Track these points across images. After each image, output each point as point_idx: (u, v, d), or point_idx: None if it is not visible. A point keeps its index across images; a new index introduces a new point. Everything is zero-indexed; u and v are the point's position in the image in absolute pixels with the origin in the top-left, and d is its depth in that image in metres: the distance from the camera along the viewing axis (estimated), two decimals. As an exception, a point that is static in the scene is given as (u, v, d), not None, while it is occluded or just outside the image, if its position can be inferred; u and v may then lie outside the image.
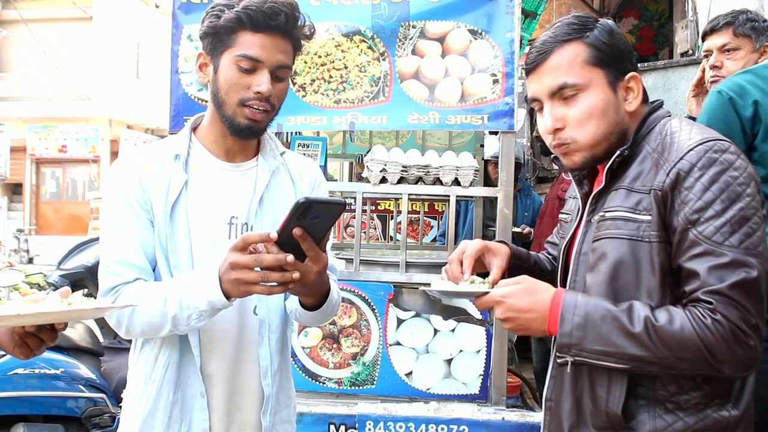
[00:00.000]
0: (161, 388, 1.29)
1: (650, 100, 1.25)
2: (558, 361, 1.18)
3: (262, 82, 1.26)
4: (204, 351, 1.31)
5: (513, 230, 2.69)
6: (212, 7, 1.29)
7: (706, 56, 2.22)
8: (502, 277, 1.36)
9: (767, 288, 1.06)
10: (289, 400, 1.45)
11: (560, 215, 1.43)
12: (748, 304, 1.02)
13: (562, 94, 1.17)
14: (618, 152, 1.17)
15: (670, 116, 1.21)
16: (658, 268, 1.10)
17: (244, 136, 1.32)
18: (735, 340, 1.02)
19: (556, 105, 1.18)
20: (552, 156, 1.36)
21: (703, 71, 2.22)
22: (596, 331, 1.08)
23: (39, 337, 1.06)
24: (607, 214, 1.17)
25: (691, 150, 1.09)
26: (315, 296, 1.28)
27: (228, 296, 1.16)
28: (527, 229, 3.53)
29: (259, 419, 1.36)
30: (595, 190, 1.23)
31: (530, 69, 1.21)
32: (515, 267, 1.39)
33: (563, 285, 1.28)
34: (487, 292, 1.18)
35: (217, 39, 1.29)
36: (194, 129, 1.39)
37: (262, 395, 1.36)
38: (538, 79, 1.20)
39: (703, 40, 2.25)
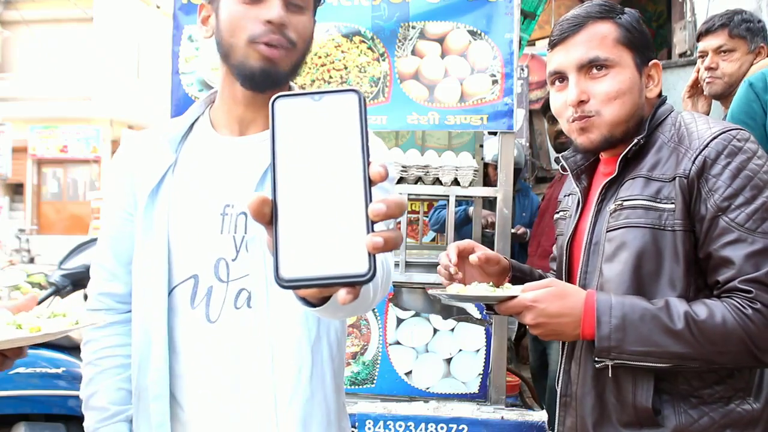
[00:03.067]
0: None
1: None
2: (597, 366, 1.14)
3: (271, 6, 1.01)
4: (185, 385, 1.12)
5: (511, 230, 2.69)
6: None
7: (701, 57, 2.22)
8: (503, 275, 1.34)
9: None
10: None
11: (555, 216, 1.43)
12: None
13: (591, 68, 1.16)
14: (635, 140, 1.16)
15: (676, 111, 1.22)
16: (683, 257, 1.09)
17: (260, 83, 1.04)
18: None
19: (583, 78, 1.17)
20: (555, 157, 1.37)
21: (699, 72, 2.23)
22: (636, 331, 1.06)
23: (3, 353, 0.93)
24: (626, 203, 1.15)
25: (715, 138, 1.08)
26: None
27: None
28: (522, 230, 3.51)
29: None
30: (605, 180, 1.22)
31: (558, 41, 1.19)
32: (516, 279, 1.35)
33: (568, 280, 1.27)
34: (514, 297, 1.10)
35: None
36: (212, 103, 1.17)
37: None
38: (566, 51, 1.18)
39: (697, 42, 2.25)
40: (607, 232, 1.17)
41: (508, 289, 1.15)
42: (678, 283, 1.09)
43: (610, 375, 1.13)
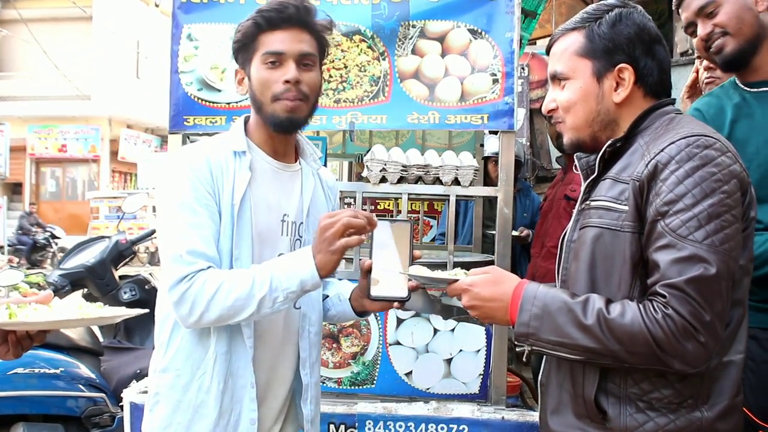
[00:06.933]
0: (213, 379, 1.32)
1: (667, 93, 1.25)
2: (516, 349, 1.21)
3: (288, 71, 1.33)
4: (254, 342, 1.36)
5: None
6: (237, 26, 1.39)
7: (699, 57, 2.20)
8: None
9: (728, 286, 1.06)
10: (320, 393, 1.55)
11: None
12: (702, 300, 1.02)
13: (557, 79, 1.26)
14: (610, 142, 1.20)
15: (679, 113, 1.21)
16: (629, 258, 1.11)
17: (286, 129, 1.38)
18: (685, 335, 1.03)
19: (554, 88, 1.28)
20: (557, 156, 1.40)
21: (697, 72, 2.21)
22: (551, 321, 1.11)
23: (31, 338, 1.10)
24: (593, 203, 1.19)
25: (672, 143, 1.10)
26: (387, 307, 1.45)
27: (320, 272, 1.24)
28: (525, 232, 3.49)
29: (292, 407, 1.46)
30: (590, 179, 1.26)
31: (547, 51, 1.33)
32: None
33: (558, 274, 1.31)
34: (457, 280, 1.22)
35: (244, 50, 1.38)
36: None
37: (293, 384, 1.46)
38: (549, 62, 1.30)
39: None
40: (579, 230, 1.22)
41: (456, 275, 1.28)
42: (623, 284, 1.12)
43: (524, 359, 1.18)
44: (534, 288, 1.16)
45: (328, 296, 1.54)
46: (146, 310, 1.22)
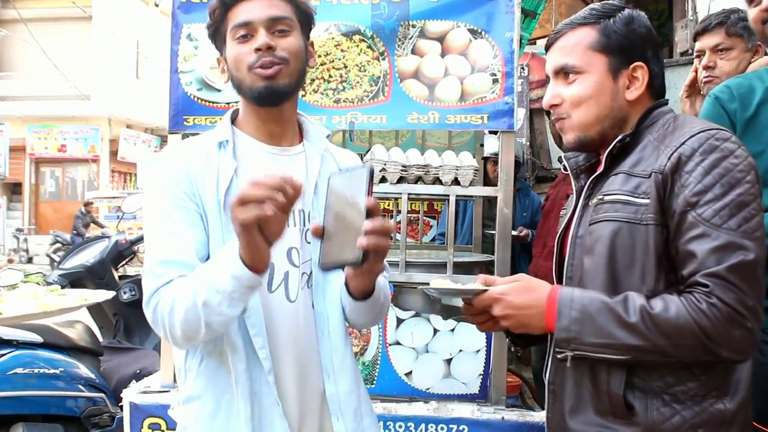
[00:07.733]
0: (238, 401, 1.18)
1: (663, 97, 1.27)
2: (558, 356, 1.19)
3: (258, 38, 1.22)
4: (271, 354, 1.21)
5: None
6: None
7: (698, 57, 2.21)
8: None
9: (764, 271, 1.07)
10: (369, 404, 1.35)
11: (561, 212, 1.45)
12: (744, 286, 1.03)
13: (565, 73, 1.23)
14: (620, 137, 1.20)
15: (674, 113, 1.24)
16: (653, 252, 1.11)
17: (267, 99, 1.24)
18: (731, 322, 1.03)
19: (557, 83, 1.25)
20: (558, 156, 1.39)
21: (696, 71, 2.21)
22: (593, 323, 1.09)
23: None
24: (606, 198, 1.18)
25: (693, 136, 1.11)
26: (369, 279, 1.21)
27: (246, 263, 1.03)
28: (524, 232, 3.50)
29: (331, 424, 1.25)
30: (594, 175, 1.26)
31: (547, 46, 1.29)
32: None
33: (559, 274, 1.30)
34: (486, 290, 1.18)
35: (217, 34, 1.30)
36: (233, 121, 1.33)
37: (324, 396, 1.26)
38: (549, 57, 1.26)
39: (694, 41, 2.24)
40: (589, 225, 1.21)
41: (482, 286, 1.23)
42: (648, 277, 1.12)
43: (568, 365, 1.17)
44: (569, 292, 1.15)
45: None
46: (113, 293, 1.16)
